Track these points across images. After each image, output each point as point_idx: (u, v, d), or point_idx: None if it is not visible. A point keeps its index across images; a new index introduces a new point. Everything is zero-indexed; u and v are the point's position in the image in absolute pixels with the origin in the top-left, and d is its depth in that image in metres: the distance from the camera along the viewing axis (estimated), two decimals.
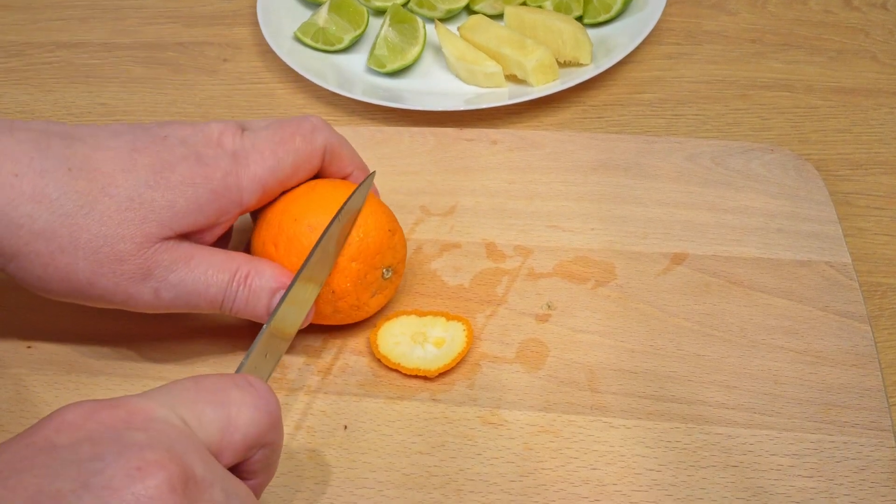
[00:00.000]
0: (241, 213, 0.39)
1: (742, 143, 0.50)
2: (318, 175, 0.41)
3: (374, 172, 0.43)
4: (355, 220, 0.40)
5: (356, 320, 0.41)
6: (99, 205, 0.35)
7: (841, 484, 0.35)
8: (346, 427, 0.38)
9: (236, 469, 0.29)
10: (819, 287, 0.42)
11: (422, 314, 0.42)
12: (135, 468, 0.23)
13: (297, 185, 0.40)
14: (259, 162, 0.38)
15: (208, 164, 0.37)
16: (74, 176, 0.34)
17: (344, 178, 0.42)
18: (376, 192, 0.43)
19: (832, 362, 0.39)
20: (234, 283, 0.37)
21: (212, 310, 0.38)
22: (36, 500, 0.22)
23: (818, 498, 0.34)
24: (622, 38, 0.59)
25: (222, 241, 0.41)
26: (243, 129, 0.39)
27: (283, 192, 0.40)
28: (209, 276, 0.37)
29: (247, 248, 0.41)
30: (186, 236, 0.37)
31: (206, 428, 0.27)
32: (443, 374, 0.40)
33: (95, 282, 0.35)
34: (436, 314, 0.42)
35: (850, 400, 0.37)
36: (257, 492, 0.30)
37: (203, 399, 0.27)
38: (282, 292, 0.38)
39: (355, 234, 0.39)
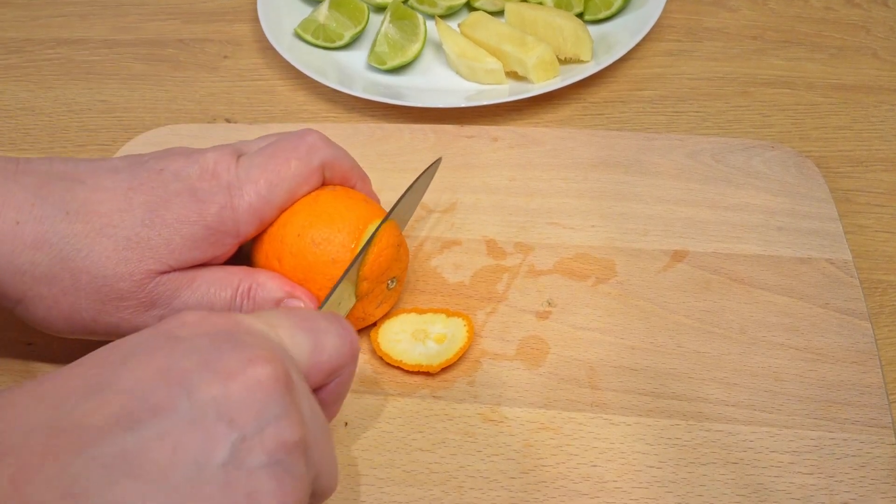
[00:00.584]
0: (240, 244, 0.39)
1: (743, 140, 0.50)
2: None
3: (440, 159, 0.44)
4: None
5: (358, 329, 0.41)
6: (97, 246, 0.35)
7: (841, 481, 0.35)
8: (346, 424, 0.38)
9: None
10: (819, 284, 0.42)
11: (422, 311, 0.42)
12: (248, 358, 0.25)
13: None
14: (254, 193, 0.38)
15: (203, 199, 0.37)
16: (72, 220, 0.35)
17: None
18: (377, 200, 0.43)
19: (832, 359, 0.39)
20: (238, 298, 0.38)
21: None
22: (164, 374, 0.24)
23: (818, 495, 0.34)
24: (623, 34, 0.59)
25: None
26: (239, 154, 0.39)
27: None
28: (211, 294, 0.37)
29: (248, 259, 0.41)
30: (187, 269, 0.37)
31: (297, 348, 0.28)
32: (444, 369, 0.40)
33: (99, 319, 0.36)
34: (436, 311, 0.42)
35: (851, 397, 0.37)
36: None
37: (295, 324, 0.29)
38: (287, 301, 0.38)
39: (369, 254, 0.39)
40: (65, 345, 0.42)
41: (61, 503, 0.22)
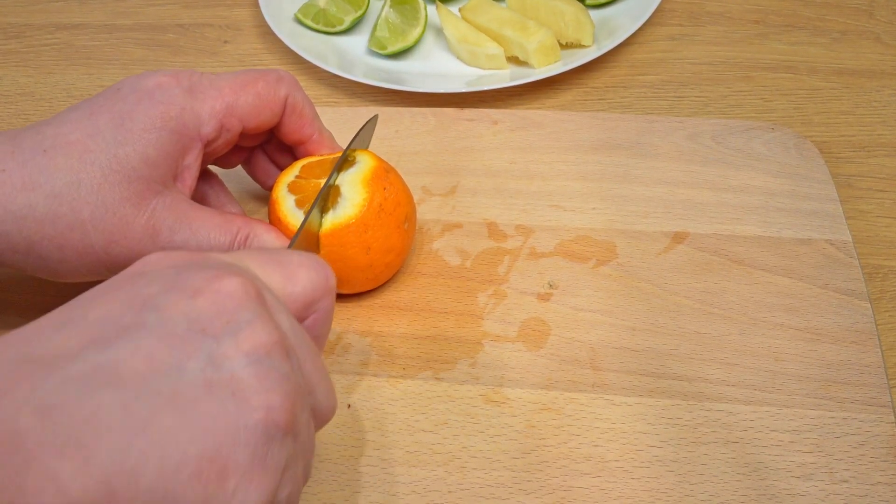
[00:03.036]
0: (205, 149, 0.40)
1: (743, 122, 0.50)
2: (278, 131, 0.43)
3: (376, 115, 0.45)
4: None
5: (381, 282, 0.42)
6: (85, 177, 0.36)
7: (840, 459, 0.35)
8: (349, 406, 0.39)
9: None
10: (819, 265, 0.42)
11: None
12: (213, 275, 0.25)
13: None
14: (216, 97, 0.39)
15: (163, 101, 0.38)
16: (51, 156, 0.36)
17: (303, 139, 0.43)
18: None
19: (832, 339, 0.39)
20: (236, 245, 0.39)
21: None
22: (130, 301, 0.25)
23: (818, 473, 0.35)
24: (624, 19, 0.59)
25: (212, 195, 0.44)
26: (202, 73, 0.41)
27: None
28: (211, 237, 0.38)
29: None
30: (171, 185, 0.39)
31: (268, 278, 0.28)
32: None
33: (111, 250, 0.37)
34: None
35: (850, 376, 0.38)
36: None
37: (265, 258, 0.29)
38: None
39: (388, 193, 0.40)
40: None
41: (35, 417, 0.21)
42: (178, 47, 0.63)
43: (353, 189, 0.40)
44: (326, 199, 0.40)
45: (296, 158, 0.44)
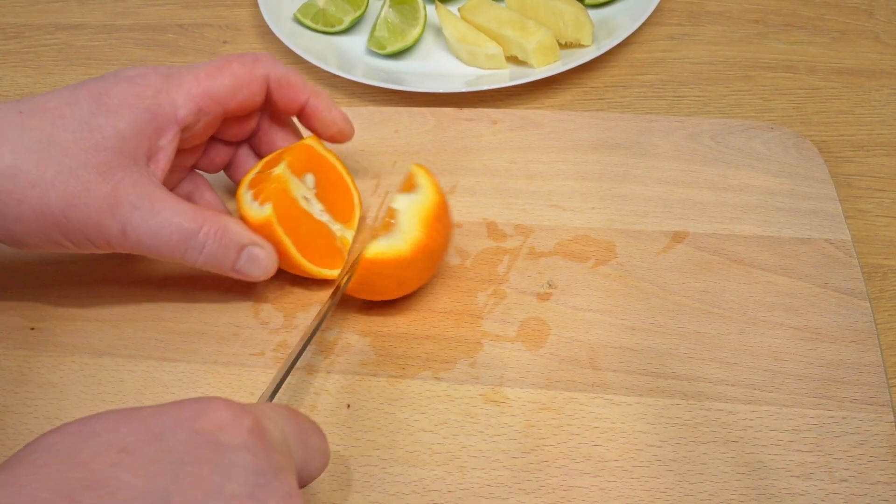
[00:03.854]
0: (183, 133, 0.41)
1: (742, 121, 0.50)
2: (275, 108, 0.44)
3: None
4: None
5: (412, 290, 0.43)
6: (55, 137, 0.37)
7: (840, 458, 0.35)
8: (349, 406, 0.39)
9: None
10: (819, 264, 0.42)
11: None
12: (287, 494, 0.27)
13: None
14: (193, 82, 0.40)
15: (140, 83, 0.39)
16: (26, 117, 0.37)
17: (300, 106, 0.44)
18: (341, 118, 0.45)
19: (831, 339, 0.39)
20: (202, 236, 0.39)
21: (173, 257, 0.39)
22: (213, 496, 0.25)
23: (818, 472, 0.35)
24: (624, 18, 0.59)
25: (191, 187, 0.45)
26: (181, 66, 0.42)
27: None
28: (173, 221, 0.38)
29: None
30: (141, 163, 0.39)
31: (296, 452, 0.30)
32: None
33: (69, 214, 0.37)
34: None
35: (850, 375, 0.38)
36: None
37: (297, 436, 0.30)
38: (250, 248, 0.40)
39: (440, 235, 0.41)
40: (68, 328, 0.43)
41: None
42: (178, 47, 0.63)
43: (411, 223, 0.40)
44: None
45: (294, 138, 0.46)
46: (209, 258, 0.40)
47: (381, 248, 0.39)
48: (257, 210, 0.41)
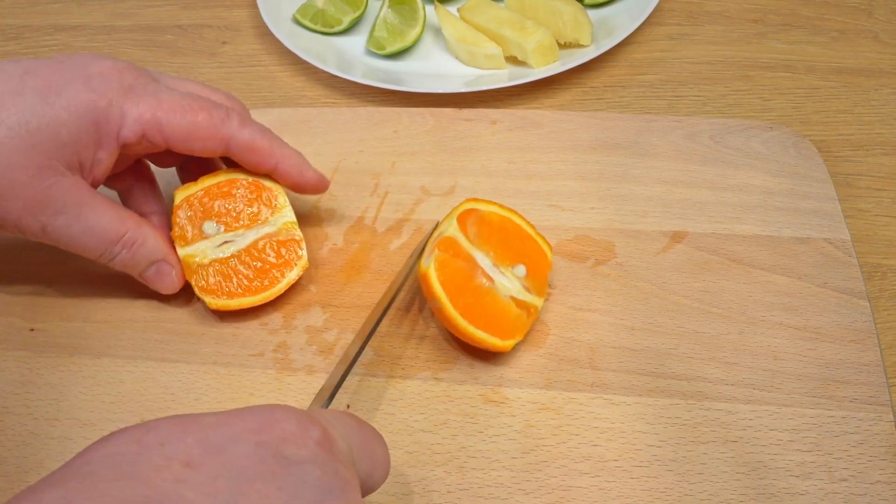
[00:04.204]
0: (122, 150, 0.40)
1: (741, 121, 0.50)
2: (232, 164, 0.43)
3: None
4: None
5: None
6: None
7: (839, 458, 0.35)
8: (348, 406, 0.39)
9: None
10: (818, 264, 0.42)
11: None
12: None
13: None
14: (149, 107, 0.39)
15: (96, 90, 0.38)
16: None
17: (267, 170, 0.42)
18: (317, 179, 0.44)
19: (831, 338, 0.39)
20: (119, 245, 0.40)
21: (90, 257, 0.40)
22: None
23: (817, 472, 0.35)
24: (623, 18, 0.59)
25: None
26: (156, 79, 0.40)
27: None
28: (95, 230, 0.39)
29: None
30: (74, 171, 0.38)
31: (360, 471, 0.29)
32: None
33: None
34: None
35: (849, 375, 0.38)
36: None
37: (362, 446, 0.30)
38: (160, 264, 0.41)
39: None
40: (67, 329, 0.43)
41: None
42: (177, 48, 0.63)
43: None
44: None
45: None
46: (119, 265, 0.41)
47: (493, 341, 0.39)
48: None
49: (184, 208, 0.42)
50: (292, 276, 0.42)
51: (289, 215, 0.43)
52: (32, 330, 0.43)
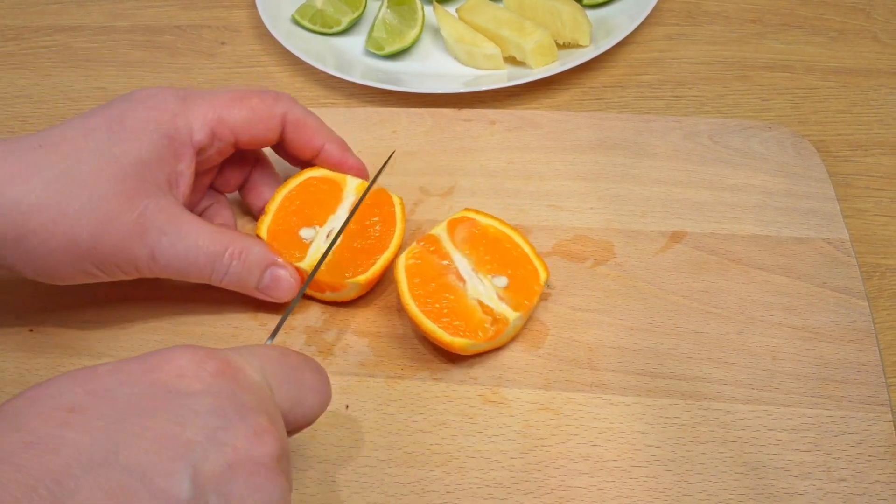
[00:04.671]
0: (198, 156, 0.41)
1: (740, 121, 0.50)
2: (287, 150, 0.44)
3: (393, 153, 0.46)
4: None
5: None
6: (76, 170, 0.37)
7: (838, 458, 0.35)
8: (347, 406, 0.39)
9: None
10: (817, 264, 0.43)
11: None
12: (253, 433, 0.26)
13: None
14: (209, 107, 0.41)
15: (155, 107, 0.39)
16: (46, 151, 0.37)
17: (315, 151, 0.44)
18: (359, 165, 0.46)
19: (830, 338, 0.40)
20: (227, 257, 0.40)
21: (200, 278, 0.40)
22: (166, 445, 0.24)
23: (816, 472, 0.35)
24: (621, 19, 0.59)
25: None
26: (199, 89, 0.42)
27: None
28: (199, 245, 0.39)
29: None
30: (164, 189, 0.39)
31: (282, 399, 0.29)
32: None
33: (98, 244, 0.37)
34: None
35: (848, 375, 0.38)
36: None
37: (285, 374, 0.30)
38: (272, 269, 0.41)
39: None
40: (66, 330, 0.43)
41: None
42: (176, 49, 0.64)
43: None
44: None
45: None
46: (234, 279, 0.40)
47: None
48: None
49: (270, 238, 0.43)
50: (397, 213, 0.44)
51: (353, 181, 0.45)
52: (31, 331, 0.43)
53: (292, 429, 0.31)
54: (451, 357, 0.40)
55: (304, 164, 0.46)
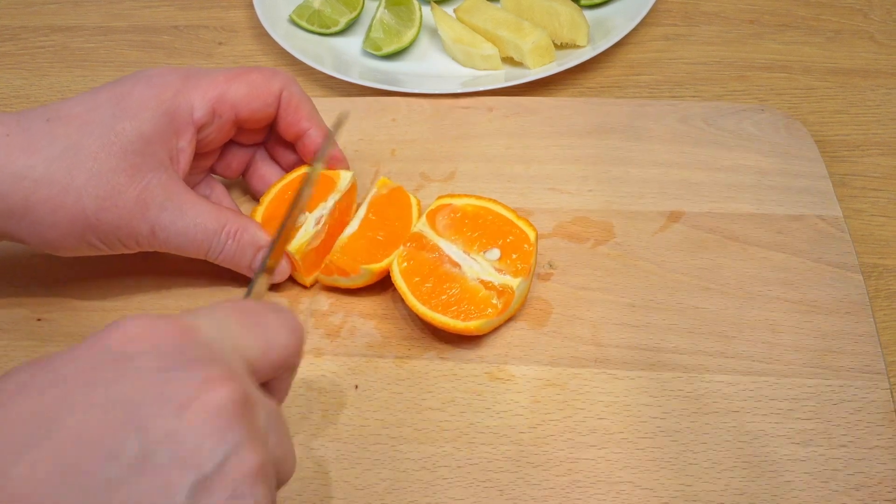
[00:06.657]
0: (198, 134, 0.44)
1: (733, 104, 0.53)
2: (276, 127, 0.47)
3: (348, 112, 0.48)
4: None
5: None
6: (82, 144, 0.40)
7: (838, 425, 0.38)
8: (356, 387, 0.41)
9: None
10: (811, 240, 0.46)
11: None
12: (202, 381, 0.26)
13: None
14: (210, 84, 0.44)
15: (158, 85, 0.43)
16: (53, 125, 0.41)
17: (299, 133, 0.47)
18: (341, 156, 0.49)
19: (826, 310, 0.43)
20: (223, 235, 0.43)
21: (197, 254, 0.44)
22: (113, 412, 0.25)
23: (817, 439, 0.38)
24: (619, 19, 0.61)
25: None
26: (200, 68, 0.45)
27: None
28: (198, 222, 0.43)
29: None
30: (167, 165, 0.42)
31: (248, 349, 0.29)
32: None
33: (101, 216, 0.41)
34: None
35: (845, 345, 0.41)
36: None
37: (245, 324, 0.30)
38: (265, 250, 0.44)
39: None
40: (74, 319, 0.45)
41: None
42: (174, 49, 0.66)
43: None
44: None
45: (297, 156, 0.48)
46: (228, 257, 0.44)
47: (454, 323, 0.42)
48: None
49: (263, 223, 0.46)
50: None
51: (348, 175, 0.48)
52: (39, 320, 0.45)
53: (279, 370, 0.31)
54: (457, 337, 0.43)
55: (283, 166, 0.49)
